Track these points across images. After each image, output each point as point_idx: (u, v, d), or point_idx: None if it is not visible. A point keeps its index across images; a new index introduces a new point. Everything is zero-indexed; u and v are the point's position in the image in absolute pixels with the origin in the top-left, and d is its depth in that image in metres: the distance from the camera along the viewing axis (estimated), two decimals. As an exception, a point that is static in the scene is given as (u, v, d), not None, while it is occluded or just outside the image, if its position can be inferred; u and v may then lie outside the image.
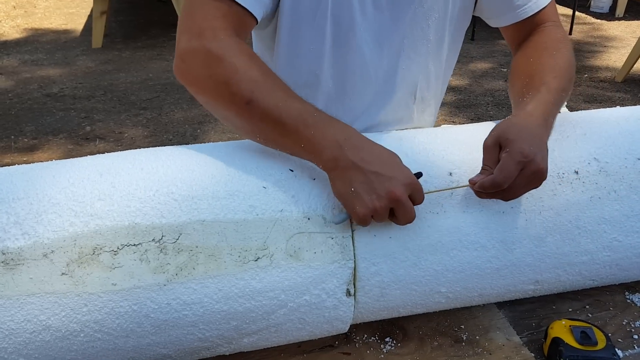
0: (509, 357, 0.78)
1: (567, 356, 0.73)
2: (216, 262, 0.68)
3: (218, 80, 0.75)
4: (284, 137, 0.73)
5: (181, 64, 0.80)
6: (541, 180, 0.72)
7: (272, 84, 0.75)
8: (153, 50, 4.74)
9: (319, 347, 0.81)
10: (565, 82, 0.85)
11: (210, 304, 0.68)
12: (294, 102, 0.74)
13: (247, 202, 0.70)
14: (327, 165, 0.71)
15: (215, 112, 0.83)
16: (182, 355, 0.73)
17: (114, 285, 0.65)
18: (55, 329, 0.65)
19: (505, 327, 0.84)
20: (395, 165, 0.71)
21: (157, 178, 0.71)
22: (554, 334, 0.77)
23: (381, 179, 0.69)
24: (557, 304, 0.90)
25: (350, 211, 0.70)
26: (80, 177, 0.71)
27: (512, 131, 0.72)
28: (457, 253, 0.76)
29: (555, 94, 0.81)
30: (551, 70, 0.85)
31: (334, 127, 0.72)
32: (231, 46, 0.78)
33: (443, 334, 0.83)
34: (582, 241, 0.80)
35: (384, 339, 0.82)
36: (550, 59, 0.87)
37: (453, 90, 3.93)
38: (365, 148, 0.71)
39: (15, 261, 0.64)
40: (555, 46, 0.90)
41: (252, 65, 0.76)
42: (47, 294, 0.64)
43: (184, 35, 0.80)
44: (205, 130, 3.31)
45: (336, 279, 0.72)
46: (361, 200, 0.68)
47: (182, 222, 0.68)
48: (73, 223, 0.66)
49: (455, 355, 0.79)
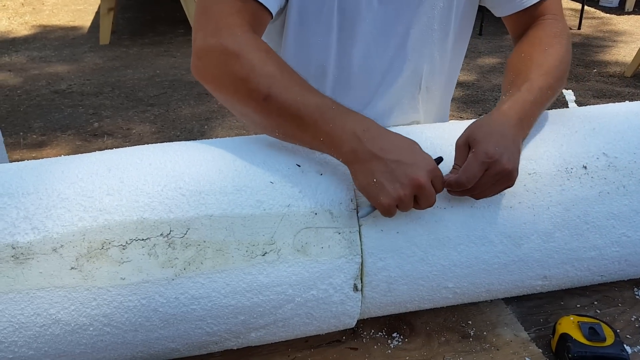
0: (517, 352, 0.78)
1: (575, 352, 0.73)
2: (224, 256, 0.68)
3: (235, 77, 0.75)
4: (303, 132, 0.73)
5: (198, 62, 0.80)
6: (511, 180, 0.72)
7: (289, 79, 0.75)
8: (160, 46, 4.75)
9: (327, 342, 0.81)
10: (553, 80, 0.84)
11: (218, 299, 0.69)
12: (311, 96, 0.73)
13: (255, 197, 0.71)
14: (347, 158, 0.71)
15: (233, 108, 0.83)
16: (191, 349, 0.74)
17: (123, 279, 0.66)
18: (65, 322, 0.66)
19: (512, 322, 0.84)
20: (415, 151, 0.71)
21: (165, 173, 0.72)
22: (562, 329, 0.76)
23: (403, 166, 0.68)
24: (565, 299, 0.89)
25: (374, 203, 0.70)
26: (88, 173, 0.71)
27: (480, 131, 0.73)
28: (465, 248, 0.75)
29: (537, 92, 0.80)
30: (538, 67, 0.84)
31: (352, 119, 0.72)
32: (248, 42, 0.77)
33: (450, 330, 0.83)
34: (591, 236, 0.79)
35: (391, 335, 0.82)
36: (540, 56, 0.87)
37: (461, 86, 3.92)
38: (384, 137, 0.71)
39: (25, 255, 0.65)
40: (549, 42, 0.90)
41: (269, 60, 0.76)
42: (56, 288, 0.65)
43: (200, 33, 0.80)
44: (212, 127, 3.32)
45: (343, 274, 0.72)
46: (385, 190, 0.68)
47: (190, 217, 0.68)
48: (82, 218, 0.67)
49: (463, 351, 0.79)
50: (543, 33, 0.92)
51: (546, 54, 0.87)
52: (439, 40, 1.02)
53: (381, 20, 0.96)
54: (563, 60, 0.88)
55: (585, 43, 4.79)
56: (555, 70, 0.85)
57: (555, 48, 0.88)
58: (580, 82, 3.93)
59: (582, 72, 4.13)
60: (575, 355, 0.73)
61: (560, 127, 0.84)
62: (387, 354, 0.79)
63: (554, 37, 0.91)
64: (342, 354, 0.79)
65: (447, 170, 0.74)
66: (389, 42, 0.99)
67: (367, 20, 0.95)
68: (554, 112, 0.90)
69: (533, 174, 0.78)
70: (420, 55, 1.02)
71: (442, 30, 1.01)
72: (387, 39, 0.98)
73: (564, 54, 0.89)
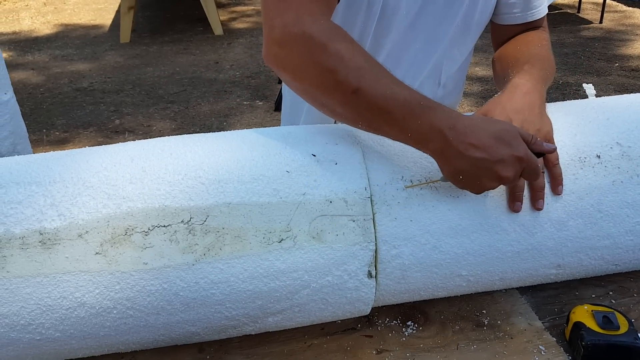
0: (531, 341, 0.79)
1: (589, 340, 0.73)
2: (242, 243, 0.70)
3: (322, 68, 0.73)
4: (390, 126, 0.72)
5: (279, 51, 0.76)
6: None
7: (378, 72, 0.73)
8: (180, 44, 4.80)
9: (342, 330, 0.83)
10: (549, 69, 0.90)
11: (236, 283, 0.71)
12: (400, 90, 0.72)
13: (271, 186, 0.73)
14: (434, 154, 0.72)
15: (314, 99, 0.79)
16: (210, 333, 0.76)
17: (145, 264, 0.68)
18: (90, 305, 0.68)
19: (527, 312, 0.84)
20: (505, 144, 0.69)
21: (185, 163, 0.74)
22: (576, 318, 0.77)
23: (487, 163, 0.68)
24: (580, 290, 0.89)
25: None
26: (112, 162, 0.74)
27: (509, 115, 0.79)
28: (478, 236, 0.76)
29: (542, 70, 0.87)
30: (536, 56, 0.91)
31: (440, 116, 0.70)
32: (333, 31, 0.75)
33: (464, 319, 0.84)
34: (605, 225, 0.80)
35: (406, 323, 0.83)
36: (536, 49, 0.93)
37: (480, 81, 3.89)
38: (472, 133, 0.69)
39: (52, 241, 0.68)
40: (542, 43, 0.96)
41: (356, 52, 0.74)
42: (82, 272, 0.68)
43: (278, 20, 0.76)
44: (231, 123, 3.35)
45: (357, 261, 0.74)
46: (469, 186, 0.71)
47: (209, 205, 0.70)
48: (106, 205, 0.69)
49: (477, 339, 0.80)
50: (536, 37, 0.99)
51: (541, 49, 0.94)
52: (460, 37, 1.03)
53: (414, 13, 0.97)
54: (552, 59, 0.95)
55: (606, 37, 4.72)
56: (550, 62, 0.92)
57: (546, 48, 0.96)
58: (601, 77, 3.88)
59: (604, 67, 4.07)
60: (588, 343, 0.73)
61: (574, 117, 0.85)
62: (402, 341, 0.80)
63: (545, 40, 0.99)
64: (357, 341, 0.81)
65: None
66: (418, 35, 1.00)
67: (404, 11, 0.96)
68: (568, 103, 0.91)
69: (546, 163, 0.79)
70: (443, 50, 1.03)
71: (464, 27, 1.02)
72: (416, 32, 0.99)
73: (551, 55, 0.96)
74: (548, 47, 0.97)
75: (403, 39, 1.00)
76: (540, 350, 0.77)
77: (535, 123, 0.78)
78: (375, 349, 0.79)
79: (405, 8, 0.96)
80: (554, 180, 0.78)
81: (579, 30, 4.96)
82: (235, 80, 4.07)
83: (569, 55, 4.34)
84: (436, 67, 1.05)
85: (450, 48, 1.04)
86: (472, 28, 1.03)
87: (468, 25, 1.02)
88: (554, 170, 0.77)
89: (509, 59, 0.93)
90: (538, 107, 0.80)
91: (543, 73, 0.86)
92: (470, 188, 0.71)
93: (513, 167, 0.69)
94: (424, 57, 1.03)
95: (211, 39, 4.96)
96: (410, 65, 1.03)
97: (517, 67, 0.87)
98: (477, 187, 0.71)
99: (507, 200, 0.77)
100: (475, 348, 0.78)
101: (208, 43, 4.86)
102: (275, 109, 3.59)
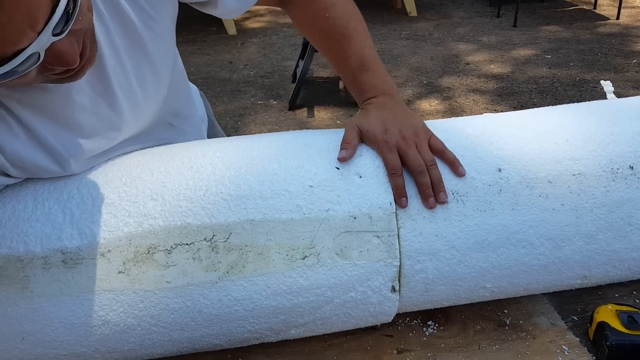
0: (554, 341, 0.78)
1: (613, 340, 0.72)
2: (265, 260, 0.69)
3: None
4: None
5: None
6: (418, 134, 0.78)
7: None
8: (194, 44, 4.81)
9: (362, 330, 0.82)
10: (359, 20, 0.89)
11: (259, 300, 0.70)
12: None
13: (294, 202, 0.71)
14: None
15: None
16: (233, 344, 0.76)
17: (169, 282, 0.68)
18: (114, 323, 0.68)
19: (549, 312, 0.83)
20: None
21: (206, 177, 0.73)
22: (600, 318, 0.76)
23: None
24: (604, 289, 0.88)
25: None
26: (132, 176, 0.73)
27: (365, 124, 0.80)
28: (505, 251, 0.75)
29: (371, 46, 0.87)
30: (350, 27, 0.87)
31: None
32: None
33: (486, 318, 0.83)
34: (634, 238, 0.78)
35: (427, 323, 0.83)
36: (341, 6, 0.88)
37: (495, 78, 3.85)
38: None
39: (74, 260, 0.67)
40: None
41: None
42: (105, 292, 0.67)
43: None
44: (245, 123, 3.35)
45: (381, 277, 0.73)
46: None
47: (231, 222, 0.69)
48: (127, 223, 0.69)
49: (499, 339, 0.79)
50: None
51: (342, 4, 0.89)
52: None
53: None
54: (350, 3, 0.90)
55: (624, 33, 4.64)
56: (351, 8, 0.89)
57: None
58: (619, 73, 3.81)
59: (621, 63, 4.00)
60: (613, 343, 0.72)
61: (607, 124, 0.81)
62: (423, 341, 0.79)
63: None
64: (377, 341, 0.80)
65: (472, 182, 0.76)
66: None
67: None
68: (599, 105, 0.88)
69: (578, 175, 0.76)
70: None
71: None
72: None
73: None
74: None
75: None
76: (564, 350, 0.76)
77: (407, 125, 0.79)
78: (396, 348, 0.79)
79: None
80: (451, 165, 0.76)
81: (595, 27, 4.88)
82: (249, 80, 4.06)
83: (585, 52, 4.27)
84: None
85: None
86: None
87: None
88: (445, 156, 0.77)
89: (328, 35, 0.88)
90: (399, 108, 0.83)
91: (369, 42, 0.86)
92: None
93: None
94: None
95: (225, 39, 4.96)
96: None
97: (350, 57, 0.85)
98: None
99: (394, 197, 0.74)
100: (498, 348, 0.77)
101: (222, 43, 4.86)
102: (289, 109, 3.58)
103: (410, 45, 4.70)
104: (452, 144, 0.78)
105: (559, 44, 4.49)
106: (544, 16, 5.31)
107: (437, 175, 0.74)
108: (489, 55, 4.33)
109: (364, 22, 0.89)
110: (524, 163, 0.76)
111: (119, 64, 0.72)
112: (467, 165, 0.76)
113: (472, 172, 0.75)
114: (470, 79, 3.90)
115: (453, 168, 0.75)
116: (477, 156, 0.77)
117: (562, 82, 3.73)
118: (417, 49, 4.58)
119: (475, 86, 3.76)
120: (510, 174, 0.76)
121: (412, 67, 4.19)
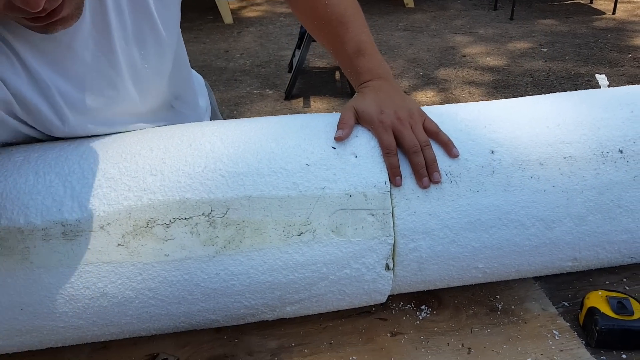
0: (544, 325, 0.79)
1: (603, 325, 0.73)
2: (261, 236, 0.71)
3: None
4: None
5: None
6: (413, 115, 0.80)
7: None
8: (190, 33, 4.79)
9: (357, 313, 0.84)
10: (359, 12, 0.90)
11: (256, 275, 0.71)
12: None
13: (291, 180, 0.73)
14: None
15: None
16: (229, 320, 0.77)
17: (167, 256, 0.69)
18: (112, 295, 0.69)
19: (541, 297, 0.85)
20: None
21: (205, 154, 0.74)
22: (590, 303, 0.77)
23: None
24: (594, 276, 0.90)
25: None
26: (131, 153, 0.74)
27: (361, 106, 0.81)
28: (496, 231, 0.76)
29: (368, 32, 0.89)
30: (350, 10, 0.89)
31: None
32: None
33: (478, 303, 0.85)
34: (623, 220, 0.79)
35: (420, 307, 0.84)
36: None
37: (491, 71, 3.87)
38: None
39: (74, 232, 0.68)
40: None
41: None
42: (104, 264, 0.68)
43: None
44: (241, 112, 3.35)
45: (376, 254, 0.74)
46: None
47: (229, 198, 0.71)
48: (127, 197, 0.70)
49: (491, 323, 0.81)
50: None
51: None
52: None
53: None
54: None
55: (619, 28, 4.66)
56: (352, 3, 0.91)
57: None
58: (614, 67, 3.84)
59: (616, 57, 4.02)
60: (602, 328, 0.73)
61: (598, 110, 0.83)
62: (416, 324, 0.81)
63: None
64: (372, 324, 0.82)
65: (466, 163, 0.77)
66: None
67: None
68: (592, 93, 0.89)
69: (568, 158, 0.78)
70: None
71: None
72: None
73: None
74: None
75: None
76: (554, 334, 0.78)
77: (402, 107, 0.81)
78: (390, 331, 0.80)
79: None
80: (445, 147, 0.77)
81: (591, 21, 4.89)
82: (245, 69, 4.05)
83: (581, 46, 4.29)
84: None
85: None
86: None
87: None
88: (439, 138, 0.78)
89: (326, 22, 0.89)
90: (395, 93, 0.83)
91: (367, 30, 0.88)
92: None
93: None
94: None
95: (221, 28, 4.94)
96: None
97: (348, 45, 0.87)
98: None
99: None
100: (489, 332, 0.79)
101: (218, 32, 4.84)
102: (285, 98, 3.58)
103: (407, 36, 4.70)
104: (446, 127, 0.79)
105: (555, 37, 4.51)
106: (540, 10, 5.33)
107: (431, 156, 0.75)
108: (486, 48, 4.34)
109: (361, 11, 0.90)
110: (516, 146, 0.77)
111: (120, 24, 0.74)
112: (461, 147, 0.77)
113: (465, 153, 0.77)
114: (466, 71, 3.91)
115: (447, 149, 0.77)
116: (471, 139, 0.79)
117: (557, 75, 3.75)
118: (413, 41, 4.58)
119: (471, 78, 3.77)
120: (503, 156, 0.77)
121: (408, 59, 4.19)
